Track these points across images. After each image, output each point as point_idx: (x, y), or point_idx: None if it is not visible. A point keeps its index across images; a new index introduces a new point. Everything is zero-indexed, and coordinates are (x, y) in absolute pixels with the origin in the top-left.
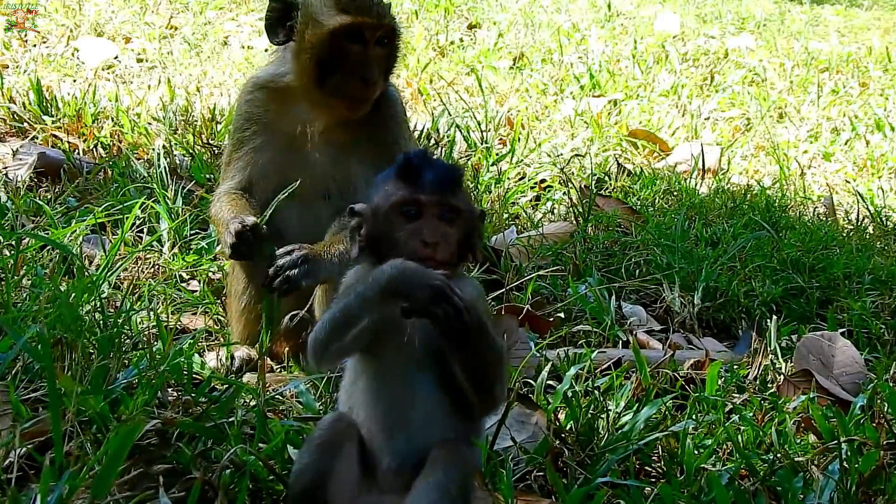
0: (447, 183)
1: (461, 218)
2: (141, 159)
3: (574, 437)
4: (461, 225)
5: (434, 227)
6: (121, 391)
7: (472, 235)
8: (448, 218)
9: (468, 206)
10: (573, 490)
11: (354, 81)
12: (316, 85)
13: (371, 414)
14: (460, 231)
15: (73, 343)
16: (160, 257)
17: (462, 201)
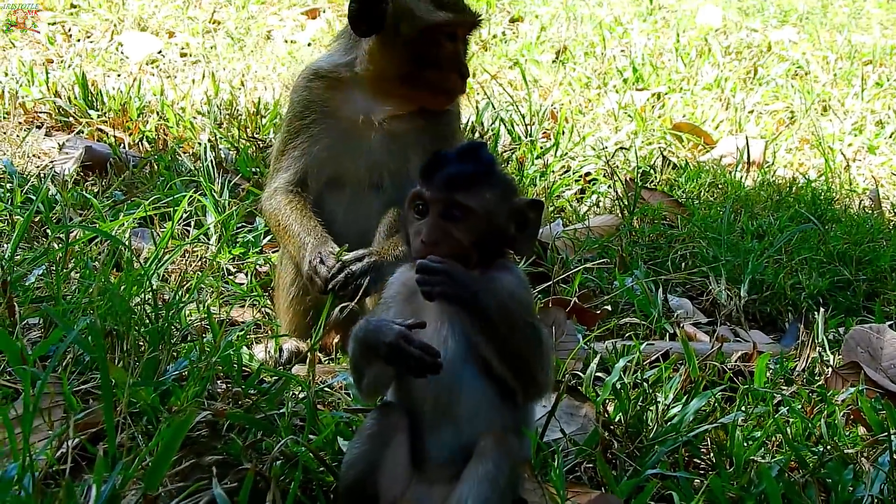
0: (455, 181)
1: (473, 216)
2: (186, 153)
3: (623, 429)
4: (473, 223)
5: (434, 225)
6: (171, 383)
7: (497, 231)
8: (454, 216)
9: (484, 204)
10: (623, 482)
11: (453, 75)
12: (405, 77)
13: (419, 405)
14: (472, 229)
15: (123, 335)
16: (207, 250)
17: (475, 199)
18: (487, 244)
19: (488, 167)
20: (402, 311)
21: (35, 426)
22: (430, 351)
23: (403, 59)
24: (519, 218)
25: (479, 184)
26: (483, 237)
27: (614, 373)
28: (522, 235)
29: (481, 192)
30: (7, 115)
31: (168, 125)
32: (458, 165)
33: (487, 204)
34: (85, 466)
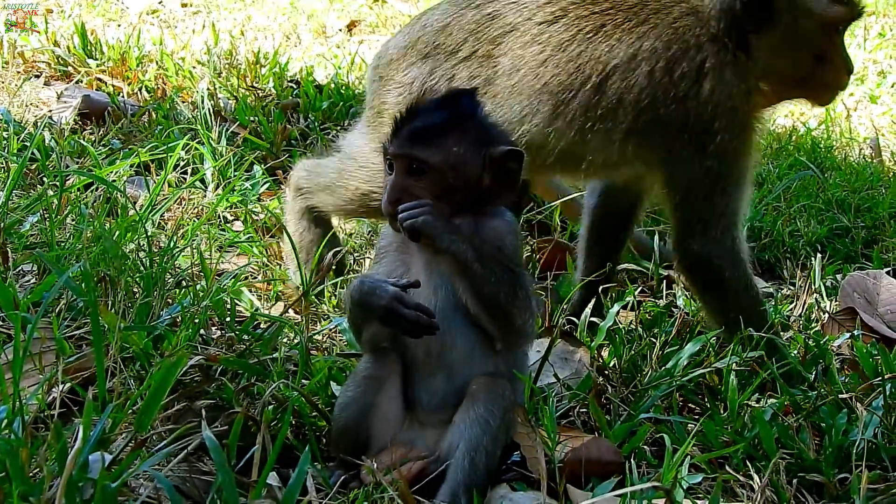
0: (416, 135)
1: (435, 172)
2: (185, 102)
3: (617, 374)
4: (436, 179)
5: (396, 182)
6: (164, 328)
7: (469, 184)
8: (415, 172)
9: (447, 158)
10: (616, 426)
11: (843, 71)
12: (804, 76)
13: (411, 352)
14: (436, 185)
15: (116, 281)
16: (204, 198)
17: (437, 153)
18: (457, 198)
19: (459, 117)
20: (393, 262)
21: (26, 371)
22: (426, 312)
23: (803, 57)
24: (496, 168)
25: (444, 136)
26: (449, 192)
27: (609, 317)
28: (501, 187)
29: (445, 144)
30: (6, 65)
31: (167, 74)
32: (425, 117)
33: (452, 157)
34: (77, 411)
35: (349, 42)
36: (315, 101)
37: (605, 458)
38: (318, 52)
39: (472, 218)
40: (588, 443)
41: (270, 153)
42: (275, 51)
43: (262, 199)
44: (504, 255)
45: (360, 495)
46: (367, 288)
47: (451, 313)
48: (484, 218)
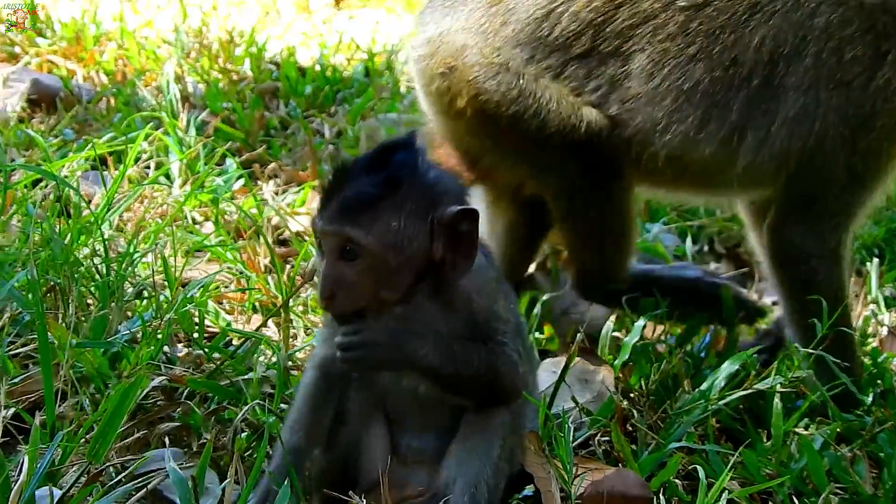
0: (344, 208)
1: (370, 255)
2: (148, 86)
3: (644, 397)
4: (373, 263)
5: (328, 271)
6: (122, 344)
7: (415, 261)
8: (349, 253)
9: (385, 236)
10: (643, 456)
11: None
12: None
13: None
14: (374, 270)
15: (68, 290)
16: (169, 195)
17: (372, 231)
18: (403, 281)
19: (393, 181)
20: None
21: None
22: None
23: None
24: (448, 234)
25: (376, 208)
26: (392, 276)
27: (634, 332)
28: (456, 255)
29: (379, 219)
30: None
31: (128, 55)
32: (354, 184)
33: (389, 235)
34: (22, 440)
35: (336, 18)
36: (297, 85)
37: (631, 493)
38: (300, 30)
39: (430, 288)
40: (611, 475)
41: (246, 144)
42: (251, 28)
43: (236, 198)
44: (479, 319)
45: None
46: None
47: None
48: (445, 283)
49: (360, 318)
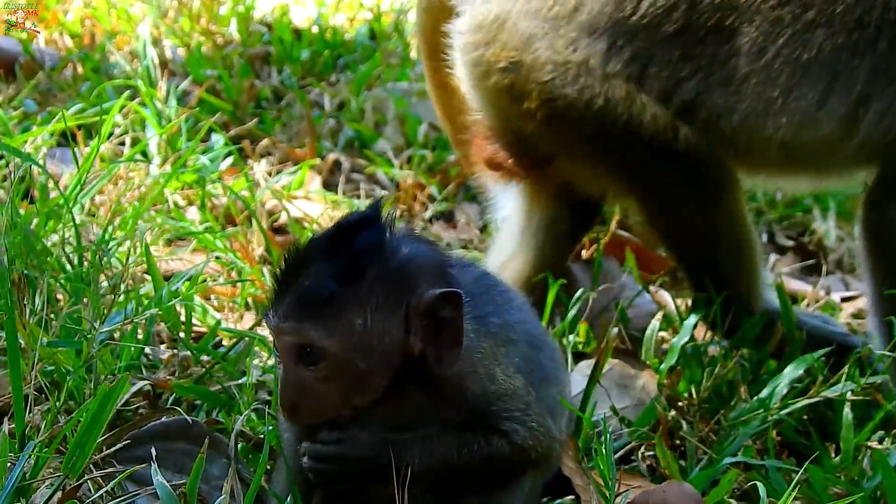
0: (300, 306)
1: (333, 359)
2: (121, 51)
3: (695, 406)
4: (336, 368)
5: (287, 377)
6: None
7: (389, 359)
8: (310, 356)
9: (349, 337)
10: (693, 473)
11: None
12: None
13: None
14: (339, 376)
15: (36, 283)
16: (147, 176)
17: (328, 334)
18: (375, 384)
19: (357, 268)
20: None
21: None
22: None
23: None
24: (426, 323)
25: (340, 303)
26: (363, 381)
27: (683, 332)
28: (438, 346)
29: (345, 316)
30: None
31: (97, 14)
32: (312, 272)
33: (356, 334)
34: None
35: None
36: (292, 49)
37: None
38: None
39: (413, 380)
40: (664, 488)
41: (234, 118)
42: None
43: (225, 178)
44: (474, 407)
45: None
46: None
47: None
48: (430, 374)
49: (333, 425)
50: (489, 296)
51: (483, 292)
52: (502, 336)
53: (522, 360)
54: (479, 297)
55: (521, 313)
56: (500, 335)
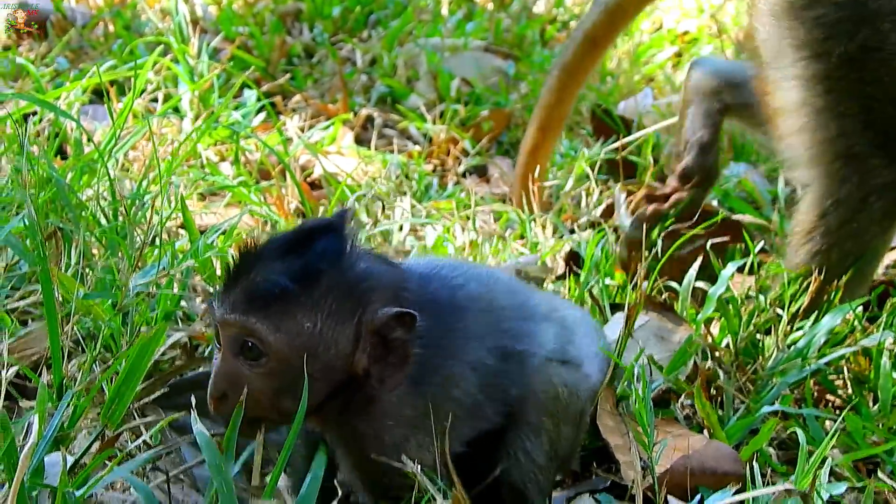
0: (251, 296)
1: (276, 356)
2: (152, 8)
3: (732, 356)
4: (277, 368)
5: (222, 368)
6: (135, 297)
7: (331, 371)
8: (251, 352)
9: (297, 337)
10: (731, 423)
11: None
12: None
13: None
14: (277, 377)
15: (71, 237)
16: (180, 133)
17: (275, 329)
18: (313, 392)
19: (314, 270)
20: None
21: None
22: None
23: None
24: (375, 342)
25: (290, 302)
26: (300, 386)
27: (720, 282)
28: (383, 369)
29: (293, 316)
30: None
31: None
32: (265, 268)
33: (303, 336)
34: (23, 408)
35: None
36: (323, 5)
37: (723, 469)
38: None
39: (343, 403)
40: (702, 449)
41: (266, 75)
42: None
43: (257, 134)
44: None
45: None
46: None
47: None
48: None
49: (254, 426)
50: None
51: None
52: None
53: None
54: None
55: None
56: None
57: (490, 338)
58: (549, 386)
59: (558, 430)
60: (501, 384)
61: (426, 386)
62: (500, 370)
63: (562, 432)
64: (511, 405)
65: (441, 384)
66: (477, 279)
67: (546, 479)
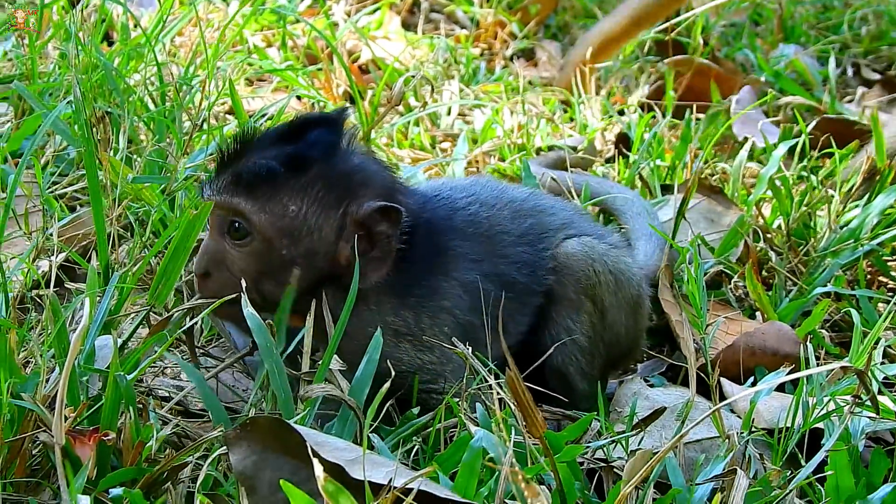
0: (240, 177)
1: (261, 236)
2: None
3: (783, 237)
4: (260, 247)
5: (208, 245)
6: (183, 182)
7: (314, 257)
8: (237, 231)
9: (280, 218)
10: (783, 304)
11: None
12: None
13: None
14: (258, 257)
15: (119, 121)
16: (226, 18)
17: (266, 208)
18: (295, 278)
19: (303, 157)
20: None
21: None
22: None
23: None
24: (361, 234)
25: (277, 186)
26: (281, 269)
27: (771, 163)
28: (365, 262)
29: (279, 198)
30: None
31: None
32: (255, 154)
33: (287, 218)
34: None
35: None
36: None
37: (783, 350)
38: None
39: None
40: (762, 329)
41: None
42: None
43: (304, 19)
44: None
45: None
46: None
47: None
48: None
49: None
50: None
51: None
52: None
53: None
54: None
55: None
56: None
57: (487, 263)
58: (583, 265)
59: (602, 315)
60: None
61: (410, 297)
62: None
63: (609, 317)
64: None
65: (427, 296)
66: (483, 202)
67: (590, 364)
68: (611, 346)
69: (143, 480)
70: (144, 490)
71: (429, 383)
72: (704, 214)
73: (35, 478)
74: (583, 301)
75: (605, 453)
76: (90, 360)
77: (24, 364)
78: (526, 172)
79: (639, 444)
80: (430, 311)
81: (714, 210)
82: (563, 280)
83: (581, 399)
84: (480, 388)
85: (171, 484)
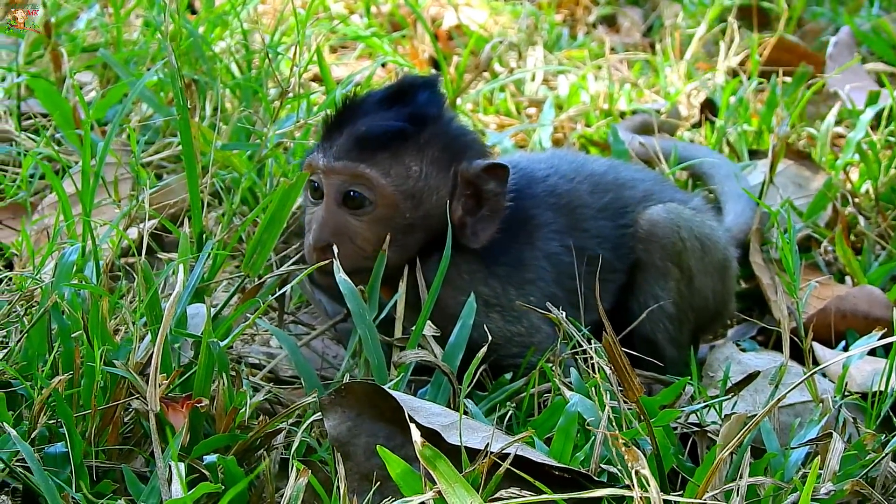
0: (360, 143)
1: (384, 201)
2: None
3: (872, 202)
4: (384, 213)
5: (327, 218)
6: (272, 149)
7: (430, 219)
8: (356, 200)
9: (404, 180)
10: (873, 269)
11: None
12: None
13: None
14: (383, 223)
15: (206, 89)
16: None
17: (390, 171)
18: (412, 243)
19: (417, 119)
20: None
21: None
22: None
23: None
24: (470, 192)
25: (399, 147)
26: (405, 233)
27: (859, 127)
28: (476, 220)
29: (402, 160)
30: None
31: None
32: (369, 118)
33: (411, 180)
34: (162, 260)
35: None
36: None
37: (874, 314)
38: None
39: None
40: (854, 293)
41: None
42: None
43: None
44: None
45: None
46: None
47: None
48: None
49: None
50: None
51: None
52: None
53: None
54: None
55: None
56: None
57: (568, 235)
58: (669, 232)
59: (690, 281)
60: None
61: (497, 266)
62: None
63: (696, 283)
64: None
65: (514, 266)
66: (562, 175)
67: (678, 330)
68: (699, 311)
69: (237, 447)
70: (238, 457)
71: (517, 356)
72: (792, 179)
73: (127, 445)
74: (669, 267)
75: (698, 418)
76: (182, 327)
77: (114, 331)
78: (614, 137)
79: (732, 408)
80: (516, 282)
81: (802, 175)
82: (648, 247)
83: (670, 365)
84: (574, 353)
85: (265, 451)
